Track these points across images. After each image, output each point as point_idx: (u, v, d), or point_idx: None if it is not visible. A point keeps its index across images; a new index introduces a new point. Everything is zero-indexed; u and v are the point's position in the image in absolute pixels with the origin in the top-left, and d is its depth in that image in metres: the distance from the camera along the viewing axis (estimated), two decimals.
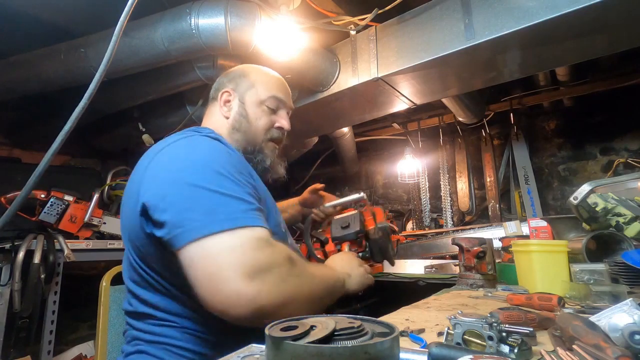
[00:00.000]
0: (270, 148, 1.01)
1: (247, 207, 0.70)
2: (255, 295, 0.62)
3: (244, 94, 0.99)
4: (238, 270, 0.62)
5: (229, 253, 0.63)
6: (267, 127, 1.00)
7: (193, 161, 0.73)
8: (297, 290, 0.70)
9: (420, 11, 1.58)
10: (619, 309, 0.52)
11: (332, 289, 0.83)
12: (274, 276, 0.66)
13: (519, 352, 0.50)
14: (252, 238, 0.66)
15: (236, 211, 0.68)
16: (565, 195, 2.70)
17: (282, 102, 1.03)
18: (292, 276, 0.70)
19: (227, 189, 0.69)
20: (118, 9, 0.67)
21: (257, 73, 1.04)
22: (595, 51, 1.52)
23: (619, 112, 2.58)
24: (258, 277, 0.63)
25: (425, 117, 3.17)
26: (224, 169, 0.73)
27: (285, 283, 0.68)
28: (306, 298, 0.72)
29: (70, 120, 0.60)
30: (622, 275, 1.07)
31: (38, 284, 1.69)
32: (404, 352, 0.45)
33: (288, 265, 0.70)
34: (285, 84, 1.08)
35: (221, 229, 0.64)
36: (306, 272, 0.75)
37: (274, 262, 0.67)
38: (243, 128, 0.97)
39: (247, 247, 0.64)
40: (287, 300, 0.67)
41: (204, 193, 0.68)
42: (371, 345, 0.35)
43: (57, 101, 1.99)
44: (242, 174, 0.77)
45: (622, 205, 1.29)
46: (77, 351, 2.16)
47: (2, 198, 1.77)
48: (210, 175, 0.71)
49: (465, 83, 1.85)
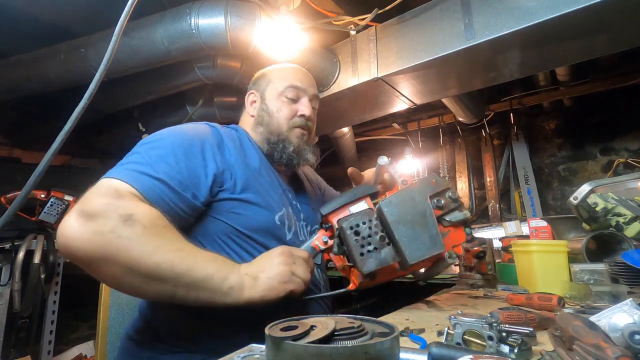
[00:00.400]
0: (297, 135, 1.02)
1: (140, 170, 0.75)
2: (70, 231, 0.66)
3: (264, 91, 1.06)
4: (78, 205, 0.69)
5: (89, 192, 0.72)
6: (289, 116, 1.02)
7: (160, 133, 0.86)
8: (114, 251, 0.65)
9: (420, 11, 1.58)
10: (619, 309, 0.52)
11: (197, 282, 0.68)
12: (93, 224, 0.66)
13: (519, 352, 0.50)
14: (107, 185, 0.72)
15: (125, 168, 0.76)
16: (565, 195, 2.70)
17: (300, 90, 1.04)
18: (114, 233, 0.65)
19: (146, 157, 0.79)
20: (118, 9, 0.67)
21: (274, 69, 1.10)
22: (595, 51, 1.52)
23: (619, 112, 2.58)
24: (81, 217, 0.67)
25: (425, 117, 3.17)
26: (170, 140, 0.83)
27: (101, 236, 0.65)
28: (128, 267, 0.65)
29: (70, 120, 0.60)
30: (622, 275, 1.07)
31: (38, 284, 1.69)
32: (404, 352, 0.45)
33: (116, 222, 0.66)
34: (304, 72, 1.10)
35: (108, 176, 0.75)
36: (143, 240, 0.67)
37: (103, 212, 0.67)
38: (265, 121, 1.02)
39: (96, 192, 0.71)
40: (98, 255, 0.65)
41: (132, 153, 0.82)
42: (371, 345, 0.35)
43: (57, 101, 1.99)
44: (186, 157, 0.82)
45: (622, 205, 1.29)
46: (77, 351, 2.16)
47: (2, 198, 1.77)
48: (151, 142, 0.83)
49: (465, 83, 1.85)
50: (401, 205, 0.82)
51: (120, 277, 0.67)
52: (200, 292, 0.68)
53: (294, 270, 0.74)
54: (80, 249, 0.65)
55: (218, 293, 0.69)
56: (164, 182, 0.76)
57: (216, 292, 0.69)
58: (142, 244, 0.66)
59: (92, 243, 0.65)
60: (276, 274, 0.72)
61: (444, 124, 3.10)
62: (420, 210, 0.81)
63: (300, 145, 1.01)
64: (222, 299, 0.69)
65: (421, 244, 0.79)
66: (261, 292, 0.71)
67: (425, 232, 0.79)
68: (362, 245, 0.81)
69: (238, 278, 0.71)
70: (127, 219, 0.67)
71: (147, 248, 0.66)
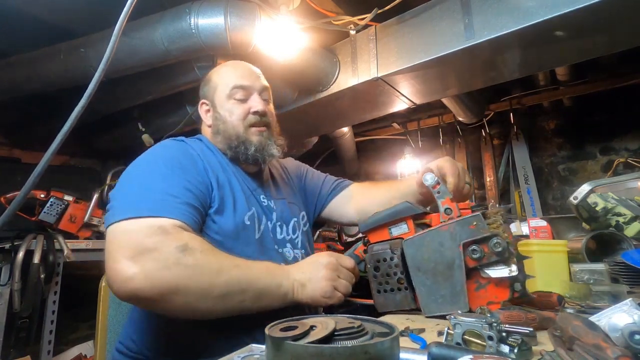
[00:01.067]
0: (255, 133, 0.99)
1: (164, 199, 0.76)
2: (132, 276, 0.66)
3: (213, 99, 1.03)
4: (125, 251, 0.68)
5: (123, 236, 0.71)
6: (243, 116, 0.99)
7: (139, 161, 0.87)
8: (185, 281, 0.68)
9: (420, 11, 1.58)
10: (619, 309, 0.52)
11: (260, 292, 0.74)
12: (154, 261, 0.67)
13: (519, 352, 0.50)
14: (148, 225, 0.71)
15: (149, 202, 0.75)
16: (565, 195, 2.70)
17: (247, 88, 1.01)
18: (179, 265, 0.68)
19: (152, 183, 0.79)
20: (118, 9, 0.67)
21: (217, 73, 1.07)
22: (595, 51, 1.52)
23: (619, 112, 2.58)
24: (139, 260, 0.67)
25: (425, 116, 3.18)
26: (161, 166, 0.84)
27: (168, 270, 0.67)
28: (202, 292, 0.69)
29: (70, 120, 0.60)
30: (622, 275, 1.07)
31: (38, 284, 1.69)
32: (404, 352, 0.45)
33: (176, 254, 0.68)
34: (247, 67, 1.06)
35: (129, 216, 0.73)
36: (207, 264, 0.71)
37: (159, 248, 0.68)
38: (221, 129, 1.00)
39: (139, 233, 0.70)
40: (169, 288, 0.67)
41: (132, 187, 0.81)
42: (371, 345, 0.35)
43: (57, 101, 1.99)
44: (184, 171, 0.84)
45: (622, 205, 1.29)
46: (77, 351, 2.16)
47: (2, 198, 1.77)
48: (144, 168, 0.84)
49: (465, 83, 1.85)
50: (425, 249, 0.72)
51: (194, 303, 0.69)
52: (263, 300, 0.74)
53: (337, 285, 0.78)
54: (146, 287, 0.66)
55: (275, 298, 0.75)
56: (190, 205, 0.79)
57: (274, 297, 0.75)
58: (207, 268, 0.70)
59: (161, 278, 0.66)
60: (319, 289, 0.77)
61: (444, 124, 3.10)
62: (447, 260, 0.70)
63: (262, 142, 0.99)
64: (278, 302, 0.76)
65: (440, 299, 0.71)
66: (306, 299, 0.77)
67: (447, 286, 0.69)
68: (379, 283, 0.79)
69: (289, 284, 0.77)
70: (184, 248, 0.69)
71: (213, 271, 0.70)
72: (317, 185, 1.23)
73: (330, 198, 1.21)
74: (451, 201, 0.75)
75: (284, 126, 1.13)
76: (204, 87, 1.08)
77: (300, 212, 1.11)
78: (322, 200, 1.21)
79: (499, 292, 0.68)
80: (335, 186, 1.23)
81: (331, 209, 1.22)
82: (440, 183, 0.78)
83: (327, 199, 1.22)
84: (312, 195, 1.22)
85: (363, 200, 1.18)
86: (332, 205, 1.21)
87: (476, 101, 2.71)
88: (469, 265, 0.69)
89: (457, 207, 0.74)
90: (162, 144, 0.94)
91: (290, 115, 2.11)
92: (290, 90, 1.99)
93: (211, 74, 1.08)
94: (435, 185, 0.78)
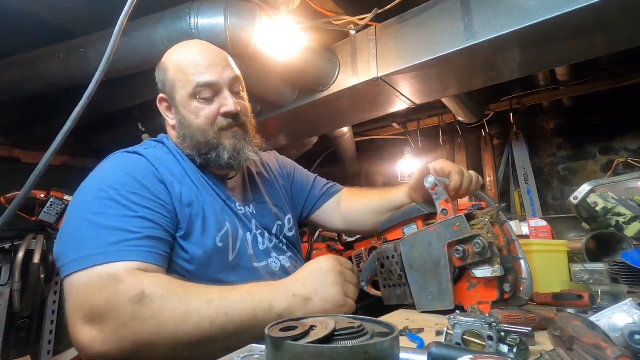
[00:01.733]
0: (228, 137, 0.85)
1: (117, 239, 0.66)
2: (91, 342, 0.60)
3: (174, 97, 0.86)
4: (78, 315, 0.62)
5: (76, 295, 0.63)
6: (212, 119, 0.84)
7: (85, 191, 0.75)
8: (146, 336, 0.60)
9: (420, 11, 1.58)
10: (619, 309, 0.52)
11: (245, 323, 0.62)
12: (109, 322, 0.60)
13: (518, 351, 0.50)
14: (99, 276, 0.62)
15: (99, 246, 0.65)
16: (565, 195, 2.70)
17: (214, 84, 0.83)
18: (137, 320, 0.59)
19: (102, 220, 0.68)
20: (118, 9, 0.67)
21: (173, 62, 0.87)
22: (595, 51, 1.52)
23: (619, 112, 2.58)
24: (94, 322, 0.61)
25: (425, 117, 3.17)
26: (112, 194, 0.71)
27: (126, 329, 0.59)
28: (170, 344, 0.60)
29: (70, 120, 0.60)
30: (622, 275, 1.07)
31: (38, 284, 1.69)
32: (404, 352, 0.45)
33: (131, 307, 0.60)
34: (210, 53, 0.87)
35: (80, 268, 0.63)
36: (168, 312, 0.60)
37: (113, 305, 0.60)
38: (188, 134, 0.85)
39: (89, 288, 0.62)
40: (132, 347, 0.60)
41: (80, 227, 0.68)
42: (371, 345, 0.35)
43: (57, 101, 1.99)
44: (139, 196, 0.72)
45: (622, 205, 1.29)
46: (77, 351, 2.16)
47: (2, 198, 1.77)
48: (92, 202, 0.71)
49: (465, 83, 1.85)
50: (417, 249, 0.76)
51: (169, 353, 0.61)
52: (252, 331, 0.62)
53: (347, 291, 0.68)
54: (108, 350, 0.60)
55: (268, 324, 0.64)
56: (150, 237, 0.69)
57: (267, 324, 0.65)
58: (170, 315, 0.60)
59: (120, 339, 0.60)
60: (330, 298, 0.65)
61: (444, 124, 3.10)
62: (434, 259, 0.73)
63: (237, 146, 0.85)
64: None
65: (429, 295, 0.75)
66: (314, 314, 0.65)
67: (435, 283, 0.73)
68: (384, 279, 0.85)
69: (285, 304, 0.65)
70: (140, 298, 0.60)
71: (177, 317, 0.60)
72: (305, 187, 1.14)
73: (322, 202, 1.14)
74: (446, 202, 0.77)
75: (284, 126, 1.12)
76: (160, 78, 0.89)
77: (286, 215, 1.02)
78: (312, 203, 1.14)
79: (488, 292, 0.69)
80: (327, 190, 1.16)
81: (320, 214, 1.15)
82: (437, 185, 0.80)
83: (317, 203, 1.14)
84: (299, 196, 1.13)
85: (349, 208, 1.12)
86: (322, 210, 1.14)
87: (476, 101, 2.71)
88: (456, 264, 0.71)
89: (453, 208, 0.76)
90: (110, 163, 0.81)
91: (290, 115, 2.10)
92: (290, 90, 1.98)
93: (166, 62, 0.88)
94: (433, 187, 0.80)
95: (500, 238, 0.70)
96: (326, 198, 1.15)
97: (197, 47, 0.88)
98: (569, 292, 0.84)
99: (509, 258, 0.69)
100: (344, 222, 1.12)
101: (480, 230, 0.69)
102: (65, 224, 0.73)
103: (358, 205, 1.11)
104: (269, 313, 0.63)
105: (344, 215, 1.12)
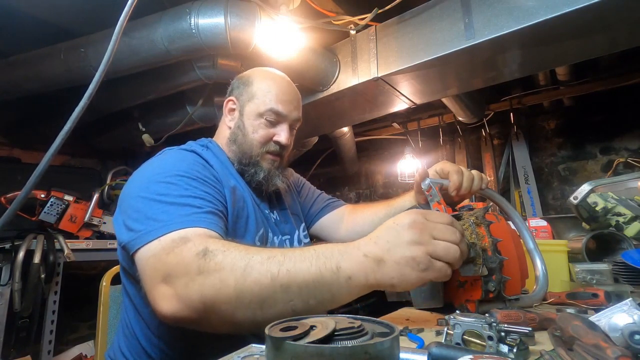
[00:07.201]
0: (268, 160, 0.96)
1: (186, 212, 0.71)
2: (168, 302, 0.61)
3: (244, 105, 0.97)
4: (156, 278, 0.64)
5: (151, 261, 0.66)
6: (264, 140, 0.95)
7: (144, 177, 0.80)
8: (211, 290, 0.59)
9: (420, 11, 1.58)
10: (619, 309, 0.52)
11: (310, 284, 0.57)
12: (180, 278, 0.61)
13: (518, 351, 0.50)
14: (171, 239, 0.66)
15: (171, 216, 0.69)
16: (565, 194, 2.71)
17: (282, 116, 0.96)
18: (202, 273, 0.59)
19: (171, 198, 0.73)
20: (118, 9, 0.67)
21: (261, 81, 0.99)
22: (595, 51, 1.52)
23: (619, 111, 2.58)
24: (168, 282, 0.62)
25: (425, 116, 3.17)
26: (175, 177, 0.77)
27: (193, 282, 0.59)
28: (232, 299, 0.58)
29: (70, 120, 0.60)
30: (622, 274, 1.07)
31: (38, 284, 1.69)
32: (404, 352, 0.45)
33: (197, 261, 0.61)
34: (291, 91, 1.01)
35: (153, 238, 0.67)
36: (230, 265, 0.59)
37: (181, 261, 0.62)
38: (239, 141, 0.96)
39: (163, 252, 0.65)
40: (200, 302, 0.59)
41: (151, 205, 0.72)
42: (371, 345, 0.35)
43: (57, 101, 1.99)
44: (202, 183, 0.79)
45: (622, 205, 1.29)
46: (77, 351, 2.16)
47: (2, 198, 1.77)
48: (157, 185, 0.76)
49: (465, 83, 1.85)
50: None
51: (232, 313, 0.59)
52: (319, 295, 0.57)
53: (432, 251, 0.56)
54: (181, 308, 0.60)
55: (340, 289, 0.57)
56: (213, 213, 0.74)
57: (335, 288, 0.56)
58: (230, 268, 0.59)
59: (190, 296, 0.59)
60: (407, 259, 0.55)
61: (444, 124, 3.10)
62: None
63: (271, 172, 0.96)
64: (345, 294, 0.57)
65: (422, 293, 0.79)
66: (389, 281, 0.56)
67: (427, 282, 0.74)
68: None
69: (354, 265, 0.57)
70: (205, 253, 0.61)
71: (238, 270, 0.58)
72: (309, 201, 1.21)
73: (321, 215, 1.19)
74: (439, 204, 0.80)
75: None
76: (239, 85, 1.00)
77: (301, 223, 1.09)
78: (312, 217, 1.20)
79: (474, 291, 0.71)
80: (326, 205, 1.21)
81: (320, 227, 1.19)
82: (432, 187, 0.82)
83: (316, 216, 1.19)
84: (304, 209, 1.20)
85: (354, 220, 1.16)
86: (321, 223, 1.18)
87: (476, 101, 2.71)
88: None
89: (445, 209, 0.78)
90: (174, 154, 0.87)
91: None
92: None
93: (253, 78, 1.00)
94: (428, 190, 0.83)
95: (485, 239, 0.71)
96: (327, 210, 1.19)
97: (283, 82, 1.01)
98: (583, 291, 0.84)
99: (493, 258, 0.69)
100: (347, 233, 1.15)
101: (465, 231, 0.69)
102: (125, 209, 0.76)
103: (364, 216, 1.14)
104: (337, 274, 0.56)
105: (349, 227, 1.16)
